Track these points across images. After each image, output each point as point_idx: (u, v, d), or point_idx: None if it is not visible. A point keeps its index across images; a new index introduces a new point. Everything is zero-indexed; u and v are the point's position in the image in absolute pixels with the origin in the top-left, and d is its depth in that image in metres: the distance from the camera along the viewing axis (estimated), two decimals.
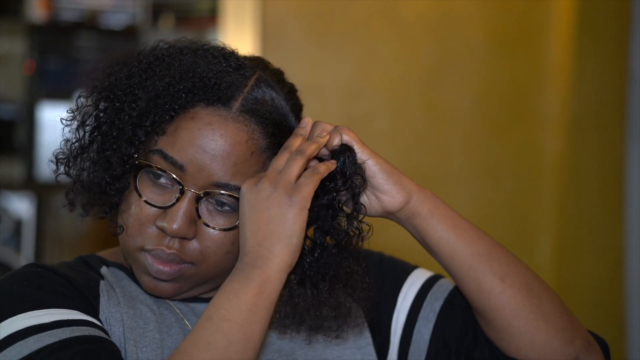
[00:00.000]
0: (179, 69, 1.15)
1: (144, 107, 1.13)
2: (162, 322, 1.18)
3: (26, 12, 3.10)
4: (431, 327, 1.26)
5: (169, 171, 1.13)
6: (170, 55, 1.18)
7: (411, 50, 3.28)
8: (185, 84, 1.14)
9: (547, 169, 3.35)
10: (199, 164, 1.12)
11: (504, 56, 3.33)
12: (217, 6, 3.12)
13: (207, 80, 1.14)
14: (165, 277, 1.15)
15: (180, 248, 1.14)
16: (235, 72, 1.17)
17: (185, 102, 1.13)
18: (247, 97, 1.15)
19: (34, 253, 3.03)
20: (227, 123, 1.13)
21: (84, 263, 1.24)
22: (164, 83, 1.14)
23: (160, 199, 1.14)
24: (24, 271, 1.15)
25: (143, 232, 1.14)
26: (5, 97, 3.16)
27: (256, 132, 1.14)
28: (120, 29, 3.15)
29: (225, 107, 1.14)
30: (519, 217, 3.38)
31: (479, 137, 3.34)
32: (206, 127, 1.13)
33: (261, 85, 1.18)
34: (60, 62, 3.15)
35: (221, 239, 1.14)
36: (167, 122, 1.14)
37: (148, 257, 1.14)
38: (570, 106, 3.22)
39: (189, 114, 1.14)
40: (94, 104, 1.18)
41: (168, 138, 1.14)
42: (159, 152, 1.13)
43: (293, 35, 3.22)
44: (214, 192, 1.13)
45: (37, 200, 3.05)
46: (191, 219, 1.13)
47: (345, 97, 3.24)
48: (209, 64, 1.16)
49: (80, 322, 1.07)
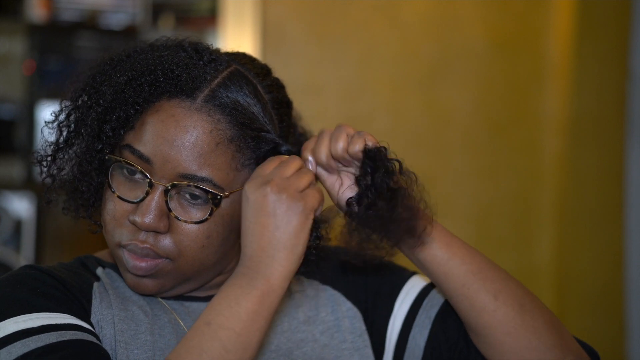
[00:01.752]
0: (144, 63, 1.16)
1: (109, 102, 1.14)
2: (155, 324, 1.17)
3: (26, 12, 3.10)
4: (426, 334, 1.25)
5: (137, 164, 1.13)
6: (140, 51, 1.19)
7: (411, 50, 3.28)
8: (148, 77, 1.14)
9: (547, 169, 3.35)
10: (164, 156, 1.12)
11: (504, 56, 3.33)
12: (217, 6, 3.12)
13: (171, 73, 1.14)
14: (142, 273, 1.14)
15: (155, 243, 1.13)
16: (206, 66, 1.16)
17: (149, 95, 1.14)
18: (214, 88, 1.15)
19: (34, 253, 3.03)
20: (190, 114, 1.13)
21: (81, 264, 1.24)
22: (127, 77, 1.15)
23: (132, 194, 1.14)
24: (18, 273, 1.15)
25: (119, 227, 1.14)
26: (5, 97, 3.16)
27: (222, 122, 1.13)
28: (120, 29, 3.15)
29: (189, 99, 1.13)
30: (519, 217, 3.38)
31: (479, 137, 3.34)
32: (169, 119, 1.13)
33: (234, 78, 1.17)
34: (60, 62, 3.15)
35: (194, 233, 1.13)
36: (133, 117, 1.14)
37: (125, 252, 1.15)
38: (570, 106, 3.22)
39: (154, 108, 1.14)
40: (72, 104, 1.20)
41: (135, 133, 1.14)
42: (128, 147, 1.14)
43: (293, 35, 3.22)
44: (181, 184, 1.12)
45: (37, 200, 3.05)
46: (162, 212, 1.12)
47: (345, 97, 3.24)
48: (176, 58, 1.16)
49: (69, 327, 1.07)
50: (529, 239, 3.37)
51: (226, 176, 1.14)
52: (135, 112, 1.14)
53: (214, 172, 1.12)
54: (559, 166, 3.30)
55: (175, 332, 1.18)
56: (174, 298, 1.22)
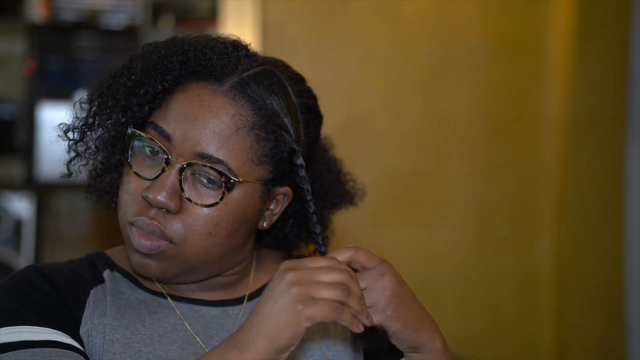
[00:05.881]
0: (179, 44, 1.17)
1: (139, 77, 1.16)
2: (155, 332, 1.17)
3: (26, 12, 3.10)
4: None
5: (157, 140, 1.14)
6: (180, 37, 1.21)
7: (411, 50, 3.28)
8: (180, 56, 1.16)
9: (547, 169, 3.35)
10: (184, 133, 1.13)
11: (504, 56, 3.33)
12: (217, 6, 3.12)
13: (203, 55, 1.15)
14: (145, 251, 1.14)
15: (163, 222, 1.13)
16: (240, 57, 1.18)
17: (178, 73, 1.15)
18: (243, 78, 1.16)
19: (34, 253, 3.03)
20: (216, 95, 1.14)
21: (90, 263, 1.24)
22: (160, 54, 1.17)
23: (149, 171, 1.15)
24: (18, 277, 1.17)
25: (132, 204, 1.15)
26: (5, 97, 3.16)
27: (245, 108, 1.14)
28: (120, 29, 3.14)
29: (217, 83, 1.15)
30: (519, 217, 3.38)
31: (479, 137, 3.34)
32: (194, 98, 1.14)
33: (265, 74, 1.18)
34: (60, 62, 3.15)
35: (203, 217, 1.13)
36: (161, 94, 1.16)
37: (133, 230, 1.15)
38: (570, 106, 3.23)
39: (182, 88, 1.16)
40: (105, 83, 1.21)
41: (161, 111, 1.16)
42: (152, 124, 1.15)
43: (293, 35, 3.22)
44: (196, 164, 1.12)
45: (37, 200, 3.04)
46: (174, 191, 1.13)
47: (345, 97, 3.24)
48: (211, 44, 1.18)
49: (48, 343, 1.09)
50: (529, 239, 3.37)
51: (242, 165, 1.14)
52: (163, 89, 1.16)
53: (231, 156, 1.13)
54: (559, 166, 3.30)
55: (181, 336, 1.18)
56: (185, 301, 1.21)
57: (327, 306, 1.02)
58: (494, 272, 3.36)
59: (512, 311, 3.38)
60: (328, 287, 1.03)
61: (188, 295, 1.22)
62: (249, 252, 1.25)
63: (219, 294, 1.23)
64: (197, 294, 1.23)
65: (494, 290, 3.36)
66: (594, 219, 3.24)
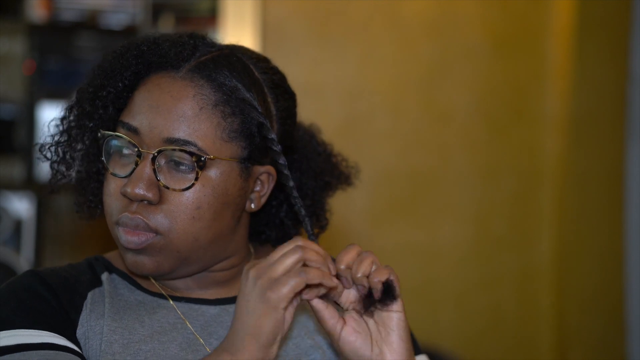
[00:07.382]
0: (134, 41, 1.20)
1: (99, 82, 1.19)
2: (154, 331, 1.17)
3: (26, 12, 3.10)
4: None
5: (126, 136, 1.16)
6: (138, 38, 1.22)
7: (411, 50, 3.28)
8: (134, 51, 1.18)
9: (547, 169, 3.35)
10: (149, 123, 1.15)
11: (504, 56, 3.33)
12: (217, 6, 3.12)
13: (157, 46, 1.18)
14: (134, 247, 1.15)
15: (146, 214, 1.15)
16: (197, 45, 1.20)
17: (136, 68, 1.17)
18: (201, 61, 1.18)
19: (34, 253, 3.03)
20: (174, 82, 1.16)
21: (88, 267, 1.24)
22: (115, 55, 1.19)
23: (125, 169, 1.17)
24: (15, 283, 1.18)
25: (114, 204, 1.17)
26: (5, 97, 3.16)
27: (205, 87, 1.16)
28: (120, 29, 3.14)
29: (175, 70, 1.17)
30: (519, 217, 3.38)
31: (479, 137, 3.34)
32: (154, 88, 1.16)
33: (224, 56, 1.19)
34: (60, 62, 3.15)
35: (184, 202, 1.14)
36: (123, 93, 1.18)
37: (119, 229, 1.16)
38: (570, 106, 3.23)
39: (143, 82, 1.18)
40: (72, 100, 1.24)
41: (127, 109, 1.18)
42: (120, 123, 1.17)
43: (293, 35, 3.22)
44: (167, 149, 1.14)
45: (37, 200, 3.04)
46: (151, 181, 1.14)
47: (345, 97, 3.24)
48: (166, 36, 1.20)
49: (44, 346, 1.10)
50: (529, 239, 3.37)
51: (212, 144, 1.15)
52: (124, 86, 1.18)
53: (199, 136, 1.14)
54: (559, 166, 3.30)
55: (181, 335, 1.18)
56: (184, 300, 1.21)
57: (290, 277, 1.04)
58: (494, 272, 3.36)
59: (512, 311, 3.38)
60: (283, 260, 1.06)
61: (187, 294, 1.23)
62: (242, 243, 1.26)
63: (217, 291, 1.24)
64: (195, 293, 1.23)
65: (494, 290, 3.36)
66: (594, 219, 3.24)
